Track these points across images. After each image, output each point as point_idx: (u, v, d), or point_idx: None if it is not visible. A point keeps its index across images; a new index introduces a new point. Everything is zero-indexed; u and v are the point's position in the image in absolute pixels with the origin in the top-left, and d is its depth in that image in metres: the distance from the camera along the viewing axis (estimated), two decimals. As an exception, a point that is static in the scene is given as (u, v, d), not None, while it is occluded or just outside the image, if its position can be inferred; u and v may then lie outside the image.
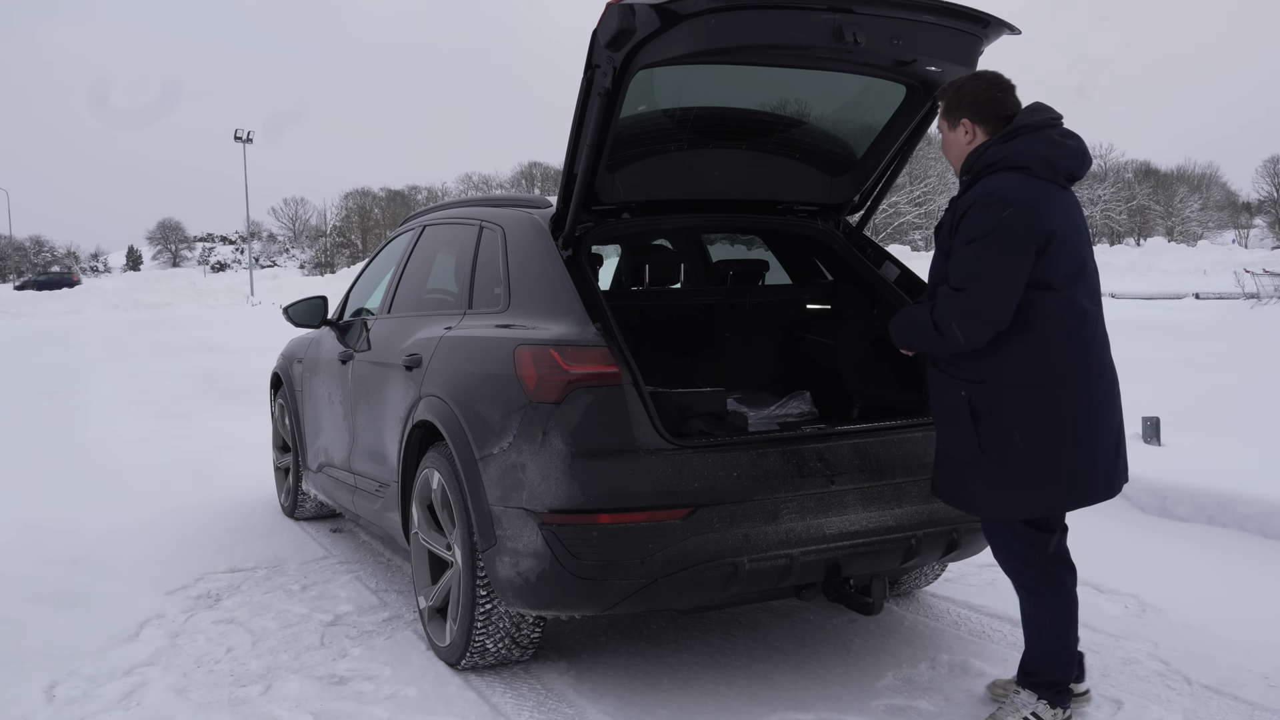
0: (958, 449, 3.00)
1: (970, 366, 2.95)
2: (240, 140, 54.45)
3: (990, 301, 2.83)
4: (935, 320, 2.92)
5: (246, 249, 70.26)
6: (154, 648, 3.91)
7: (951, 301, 2.88)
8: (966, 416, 2.94)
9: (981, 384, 2.92)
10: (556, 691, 3.45)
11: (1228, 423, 7.22)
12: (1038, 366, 2.89)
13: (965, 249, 2.87)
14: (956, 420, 2.98)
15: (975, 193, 2.91)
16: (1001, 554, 3.10)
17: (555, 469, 3.06)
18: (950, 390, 3.00)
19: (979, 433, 2.92)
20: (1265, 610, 4.05)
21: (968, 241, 2.86)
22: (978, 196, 2.88)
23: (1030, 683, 3.09)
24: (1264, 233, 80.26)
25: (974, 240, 2.85)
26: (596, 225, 3.68)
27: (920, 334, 3.02)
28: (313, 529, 5.68)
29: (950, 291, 2.89)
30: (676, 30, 2.98)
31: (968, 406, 2.94)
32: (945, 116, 3.08)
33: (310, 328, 5.25)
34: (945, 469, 3.09)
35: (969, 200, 2.91)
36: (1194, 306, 21.68)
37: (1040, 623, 3.06)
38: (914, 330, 3.05)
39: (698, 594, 3.15)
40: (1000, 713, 3.10)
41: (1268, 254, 40.05)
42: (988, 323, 2.85)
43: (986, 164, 2.94)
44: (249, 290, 46.41)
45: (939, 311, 2.91)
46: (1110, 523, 5.18)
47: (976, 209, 2.86)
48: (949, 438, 3.04)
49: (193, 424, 9.46)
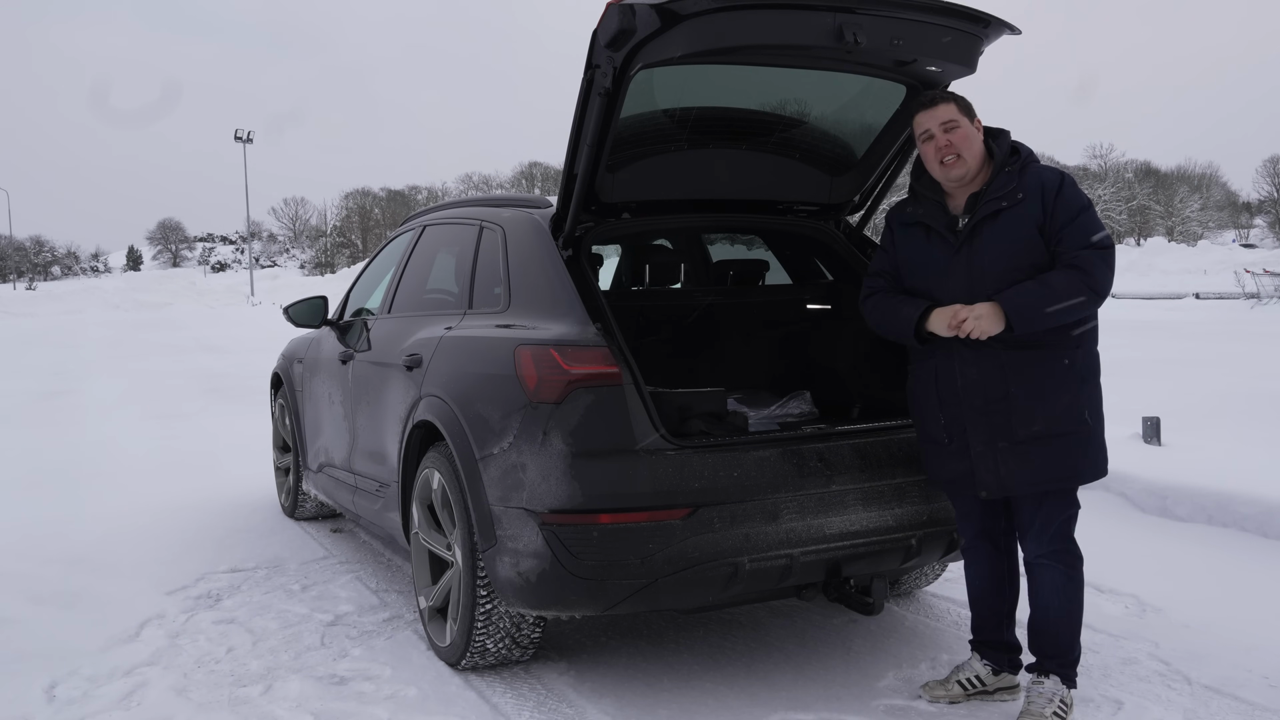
0: (1062, 422, 3.00)
1: (1068, 335, 3.02)
2: (240, 140, 54.49)
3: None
4: (1092, 284, 2.94)
5: (246, 249, 70.28)
6: (154, 648, 3.91)
7: (1106, 259, 2.97)
8: (1075, 383, 3.01)
9: (1080, 349, 3.03)
10: (556, 691, 3.45)
11: (1228, 423, 7.22)
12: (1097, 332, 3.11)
13: (1083, 215, 3.00)
14: (1064, 391, 3.00)
15: (1049, 173, 3.06)
16: (1053, 535, 3.09)
17: (555, 469, 3.06)
18: (1049, 362, 3.00)
19: (1084, 396, 3.02)
20: (1265, 610, 4.05)
21: (1081, 209, 3.00)
22: (1062, 175, 3.05)
23: (1058, 666, 3.12)
24: (1264, 233, 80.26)
25: (1086, 207, 3.01)
26: (596, 225, 3.68)
27: (1069, 306, 2.94)
28: (313, 529, 5.68)
29: (1097, 252, 2.96)
30: (676, 30, 2.97)
31: (1076, 373, 3.01)
32: (964, 111, 3.14)
33: (310, 328, 5.25)
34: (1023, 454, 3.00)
35: (1054, 177, 3.05)
36: (1194, 306, 21.69)
37: (1073, 602, 3.12)
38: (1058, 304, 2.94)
39: (698, 594, 3.15)
40: (1034, 706, 3.09)
41: (1267, 254, 40.05)
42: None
43: (1028, 155, 3.13)
44: (249, 290, 46.41)
45: (1095, 273, 2.94)
46: (1110, 523, 5.19)
47: (1069, 184, 3.04)
48: (1051, 413, 2.99)
49: (193, 424, 9.47)
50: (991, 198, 3.04)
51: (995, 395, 3.02)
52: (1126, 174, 79.79)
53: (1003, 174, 3.06)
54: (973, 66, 3.41)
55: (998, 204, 3.03)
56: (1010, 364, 3.01)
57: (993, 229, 3.03)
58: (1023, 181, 3.03)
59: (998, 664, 3.33)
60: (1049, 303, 2.93)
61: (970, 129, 3.10)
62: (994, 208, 3.03)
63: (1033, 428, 2.99)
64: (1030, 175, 3.04)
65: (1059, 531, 3.10)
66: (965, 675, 3.34)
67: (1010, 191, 3.02)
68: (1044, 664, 3.15)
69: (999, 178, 3.06)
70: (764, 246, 4.74)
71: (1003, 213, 3.02)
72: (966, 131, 3.09)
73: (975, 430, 3.06)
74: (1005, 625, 3.33)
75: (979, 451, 3.05)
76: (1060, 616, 3.11)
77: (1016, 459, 3.01)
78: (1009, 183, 3.04)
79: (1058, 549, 3.10)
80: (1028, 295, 2.94)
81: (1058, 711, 3.07)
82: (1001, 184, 3.04)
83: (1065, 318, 2.96)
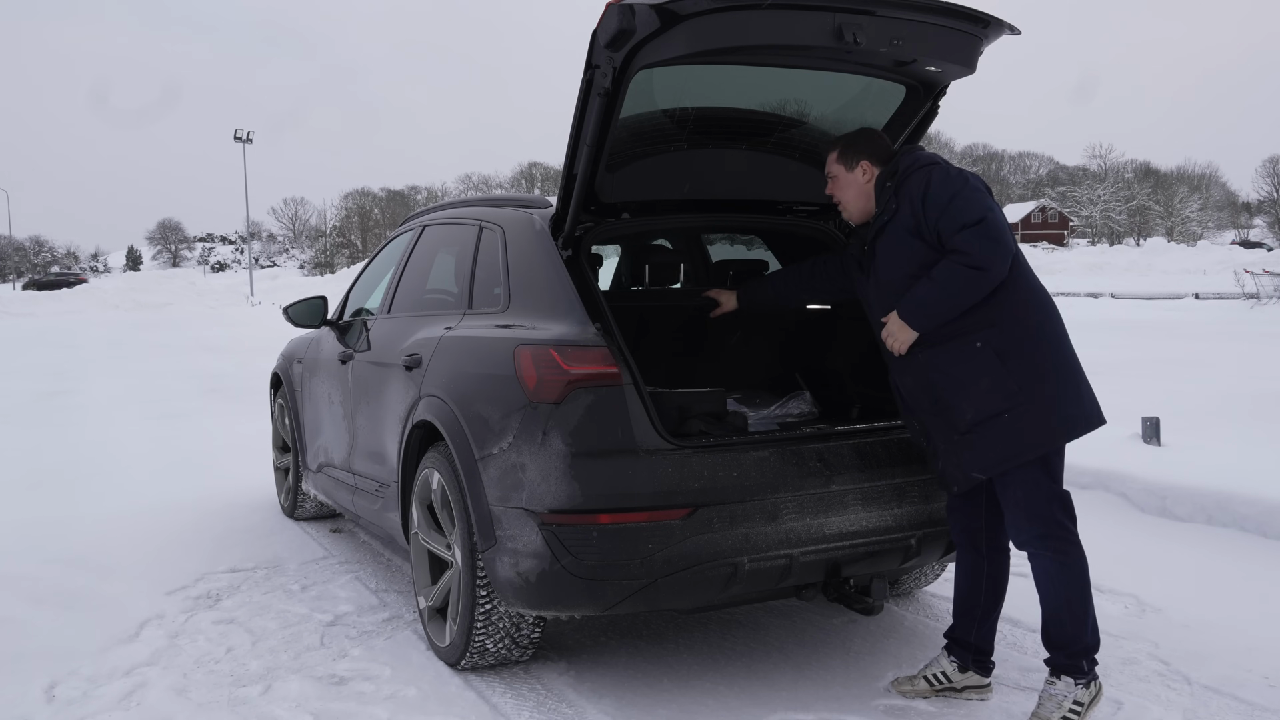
0: (990, 403, 3.00)
1: (978, 315, 3.03)
2: (240, 140, 54.40)
3: (1003, 225, 3.01)
4: (970, 262, 2.96)
5: (246, 249, 70.23)
6: (154, 648, 3.91)
7: (980, 233, 2.97)
8: (993, 362, 3.01)
9: (993, 326, 3.02)
10: (556, 691, 3.45)
11: (1228, 423, 7.21)
12: (1028, 297, 3.07)
13: (955, 201, 3.02)
14: (982, 374, 3.01)
15: (921, 176, 3.12)
16: (1030, 517, 3.06)
17: (555, 469, 3.06)
18: (962, 350, 3.03)
19: (1009, 370, 3.00)
20: (1265, 610, 4.05)
21: (951, 196, 3.03)
22: (930, 173, 3.12)
23: (1066, 659, 3.07)
24: (1264, 233, 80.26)
25: (956, 193, 3.03)
26: (596, 225, 3.68)
27: (954, 290, 2.99)
28: (313, 529, 5.68)
29: (971, 229, 2.97)
30: (676, 30, 2.98)
31: (991, 351, 3.01)
32: (841, 160, 3.33)
33: (310, 328, 5.25)
34: (971, 443, 3.04)
35: (922, 180, 3.10)
36: (1194, 306, 21.67)
37: (1070, 588, 3.07)
38: (943, 293, 3.01)
39: (698, 594, 3.15)
40: (1042, 710, 3.07)
41: (1267, 254, 40.06)
42: (1009, 246, 3.00)
43: (909, 164, 3.17)
44: (249, 290, 46.40)
45: (971, 251, 2.96)
46: (1110, 523, 5.19)
47: (936, 178, 3.08)
48: (978, 399, 3.02)
49: (192, 424, 9.46)
50: (876, 217, 3.23)
51: (933, 395, 3.11)
52: (1126, 174, 79.85)
53: (883, 192, 3.22)
54: (972, 67, 3.41)
55: (881, 221, 3.20)
56: (929, 361, 3.10)
57: (883, 245, 3.20)
58: (899, 193, 3.14)
59: (963, 662, 3.33)
60: (937, 294, 3.03)
61: (846, 178, 3.32)
62: (878, 225, 3.21)
63: (966, 416, 3.05)
64: (907, 184, 3.13)
65: (1034, 513, 3.05)
66: (933, 671, 3.37)
67: (887, 206, 3.19)
68: (1054, 658, 3.10)
69: (879, 197, 3.23)
70: (764, 246, 4.74)
71: (886, 227, 3.19)
72: (842, 180, 3.33)
73: (935, 430, 3.16)
74: (978, 626, 3.32)
75: (942, 449, 3.15)
76: (1059, 603, 3.07)
77: (965, 448, 3.08)
78: (887, 199, 3.19)
79: (1041, 533, 3.06)
80: (917, 294, 3.07)
81: (1068, 716, 3.03)
82: (882, 203, 3.22)
83: (963, 301, 3.02)
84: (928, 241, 3.07)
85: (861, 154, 3.29)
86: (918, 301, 3.06)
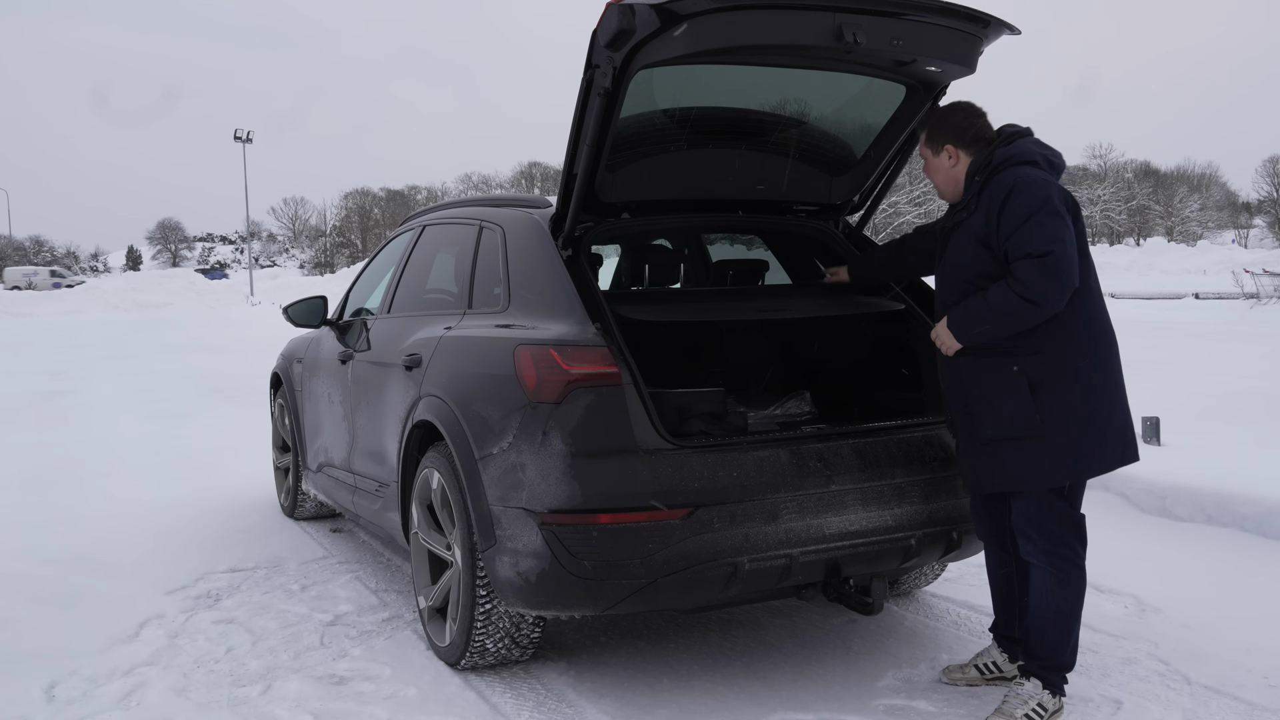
0: (1011, 425, 3.02)
1: (1022, 342, 3.02)
2: (240, 140, 54.39)
3: (1070, 261, 2.94)
4: (1025, 294, 2.93)
5: (246, 249, 70.24)
6: (154, 648, 3.91)
7: (1041, 268, 2.92)
8: (1023, 389, 3.00)
9: (1036, 355, 3.01)
10: (556, 691, 3.45)
11: (1227, 423, 7.22)
12: (1081, 333, 3.03)
13: (1028, 224, 2.94)
14: (1009, 396, 3.02)
15: (1006, 181, 3.03)
16: (1039, 533, 3.09)
17: (555, 469, 3.06)
18: (998, 369, 3.04)
19: (1038, 403, 2.99)
20: (1265, 610, 4.05)
21: (1026, 218, 2.95)
22: (1015, 182, 3.00)
23: (1039, 668, 3.14)
24: (1264, 233, 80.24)
25: (1032, 214, 2.95)
26: (596, 225, 3.68)
27: (1004, 316, 2.98)
28: (312, 529, 5.68)
29: (1033, 261, 2.92)
30: (676, 30, 2.98)
31: (1025, 379, 3.01)
32: (928, 144, 3.27)
33: (310, 328, 5.25)
34: (989, 455, 3.08)
35: (1004, 187, 3.01)
36: (1194, 306, 21.67)
37: (1062, 605, 3.11)
38: (993, 314, 3.00)
39: (698, 594, 3.15)
40: (1007, 706, 3.13)
41: (1267, 254, 40.05)
42: (1069, 283, 2.94)
43: (999, 162, 3.09)
44: (249, 290, 46.39)
45: (1029, 283, 2.92)
46: (1110, 523, 5.18)
47: (1019, 191, 2.98)
48: (999, 417, 3.04)
49: (192, 424, 9.46)
50: (956, 210, 3.20)
51: (964, 399, 3.14)
52: (1126, 174, 79.80)
53: (970, 185, 3.17)
54: (972, 67, 3.41)
55: (959, 216, 3.18)
56: (966, 368, 3.12)
57: (955, 240, 3.18)
58: (982, 194, 3.10)
59: (1012, 654, 3.40)
60: (988, 315, 3.02)
61: (934, 162, 3.26)
62: (955, 219, 3.19)
63: (986, 430, 3.08)
64: (991, 187, 3.07)
65: (1044, 530, 3.09)
66: (984, 660, 3.43)
67: (967, 203, 3.16)
68: (1029, 664, 3.18)
69: (967, 188, 3.19)
70: (764, 246, 4.74)
71: (961, 224, 3.16)
72: (930, 164, 3.28)
73: (961, 430, 3.20)
74: (1020, 621, 3.35)
75: (962, 450, 3.20)
76: (1045, 618, 3.12)
77: (979, 458, 3.12)
78: (971, 194, 3.15)
79: (1047, 549, 3.10)
80: (970, 309, 3.07)
81: (1030, 715, 3.08)
82: (967, 195, 3.18)
83: (1011, 328, 3.01)
84: (994, 253, 3.04)
85: (946, 138, 3.22)
86: (969, 316, 3.06)
